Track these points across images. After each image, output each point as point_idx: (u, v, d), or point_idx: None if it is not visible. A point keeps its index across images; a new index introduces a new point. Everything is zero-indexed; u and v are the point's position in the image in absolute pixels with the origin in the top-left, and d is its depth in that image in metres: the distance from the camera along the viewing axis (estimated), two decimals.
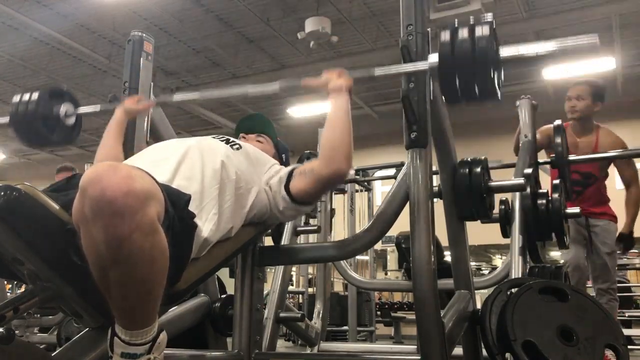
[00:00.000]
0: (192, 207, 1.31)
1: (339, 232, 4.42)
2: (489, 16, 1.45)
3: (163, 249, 1.05)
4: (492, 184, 1.83)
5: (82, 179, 1.00)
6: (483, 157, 1.84)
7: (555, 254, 6.15)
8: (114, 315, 1.08)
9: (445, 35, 1.43)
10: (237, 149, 1.65)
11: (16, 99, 2.01)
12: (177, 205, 1.22)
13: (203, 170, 1.48)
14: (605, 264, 3.26)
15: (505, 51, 1.41)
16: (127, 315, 1.07)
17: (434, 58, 1.45)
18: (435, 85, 1.56)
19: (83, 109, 2.04)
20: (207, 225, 1.40)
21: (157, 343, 1.11)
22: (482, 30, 1.40)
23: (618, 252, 3.40)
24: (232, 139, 1.72)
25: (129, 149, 1.95)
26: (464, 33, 1.41)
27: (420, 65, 1.50)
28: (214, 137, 1.69)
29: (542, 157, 3.26)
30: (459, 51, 1.39)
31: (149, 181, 1.06)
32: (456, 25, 1.44)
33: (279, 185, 1.62)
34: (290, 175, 1.63)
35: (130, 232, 0.97)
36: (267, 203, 1.63)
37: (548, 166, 3.20)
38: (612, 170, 3.52)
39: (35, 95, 1.97)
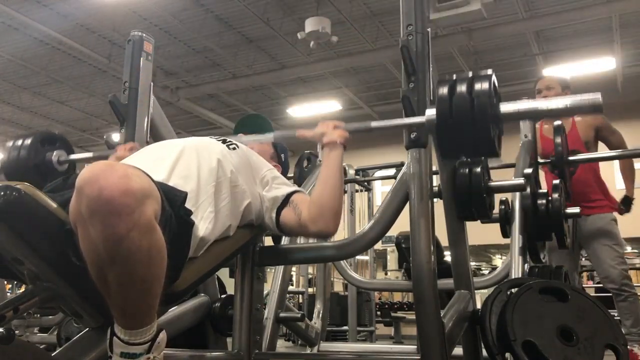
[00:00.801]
0: (188, 205, 1.31)
1: (339, 232, 4.40)
2: (489, 71, 1.41)
3: (161, 248, 1.05)
4: (492, 184, 1.83)
5: (78, 179, 1.00)
6: (483, 157, 1.83)
7: None
8: (113, 314, 1.08)
9: (443, 91, 1.38)
10: (233, 148, 1.64)
11: (8, 144, 1.98)
12: (173, 203, 1.22)
13: (199, 169, 1.48)
14: (599, 257, 3.19)
15: (505, 107, 1.36)
16: (126, 314, 1.07)
17: (431, 113, 1.41)
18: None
19: (75, 156, 2.01)
20: (203, 224, 1.39)
21: (156, 343, 1.11)
22: (481, 86, 1.35)
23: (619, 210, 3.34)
24: (228, 139, 1.71)
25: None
26: (462, 89, 1.35)
27: (418, 119, 1.47)
28: (210, 138, 1.68)
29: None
30: (457, 109, 1.34)
31: (145, 180, 1.06)
32: (455, 79, 1.39)
33: (272, 204, 1.61)
34: (287, 199, 1.60)
35: (127, 231, 0.97)
36: (261, 209, 1.62)
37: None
38: (612, 170, 3.51)
39: (27, 142, 1.94)
